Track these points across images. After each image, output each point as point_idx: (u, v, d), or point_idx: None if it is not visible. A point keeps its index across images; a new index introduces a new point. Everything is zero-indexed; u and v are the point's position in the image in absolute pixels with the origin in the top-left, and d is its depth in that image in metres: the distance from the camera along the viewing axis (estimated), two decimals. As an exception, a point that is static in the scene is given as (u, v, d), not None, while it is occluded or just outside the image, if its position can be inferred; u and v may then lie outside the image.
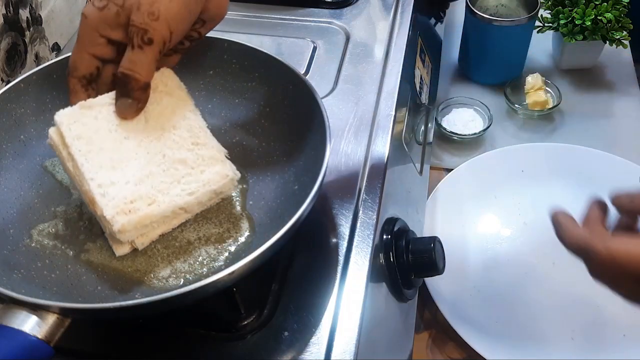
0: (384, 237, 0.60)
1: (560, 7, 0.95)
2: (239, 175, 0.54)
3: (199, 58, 0.66)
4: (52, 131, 0.53)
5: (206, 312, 0.54)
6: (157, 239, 0.54)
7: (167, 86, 0.56)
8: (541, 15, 0.97)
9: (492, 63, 0.99)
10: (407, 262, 0.60)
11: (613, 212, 0.53)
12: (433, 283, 0.73)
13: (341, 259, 0.56)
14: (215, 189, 0.52)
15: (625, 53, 1.05)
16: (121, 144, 0.52)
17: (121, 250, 0.53)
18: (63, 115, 0.52)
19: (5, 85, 0.60)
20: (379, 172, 0.63)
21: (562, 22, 0.94)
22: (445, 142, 0.93)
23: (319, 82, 0.73)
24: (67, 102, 0.64)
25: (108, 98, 0.53)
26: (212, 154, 0.53)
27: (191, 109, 0.56)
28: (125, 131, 0.53)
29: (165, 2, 0.49)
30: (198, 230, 0.55)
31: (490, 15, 0.94)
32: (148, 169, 0.52)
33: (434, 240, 0.60)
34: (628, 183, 0.83)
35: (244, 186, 0.58)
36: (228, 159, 0.54)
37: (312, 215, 0.60)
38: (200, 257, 0.53)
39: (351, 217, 0.59)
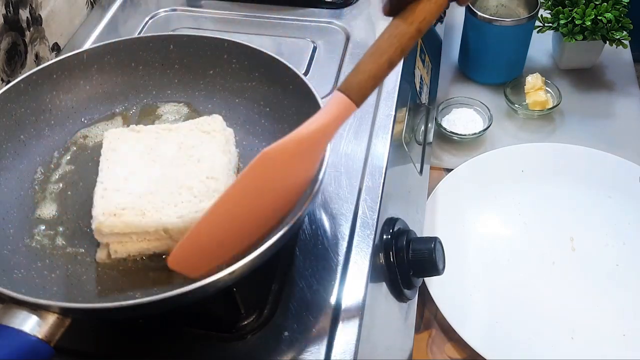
0: (384, 237, 0.60)
1: (560, 7, 0.95)
2: None
3: (199, 58, 0.66)
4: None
5: (206, 312, 0.54)
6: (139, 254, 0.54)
7: (212, 129, 0.59)
8: (541, 15, 0.97)
9: (492, 63, 0.99)
10: (407, 262, 0.60)
11: None
12: (433, 283, 0.73)
13: (341, 259, 0.56)
14: None
15: (625, 53, 1.05)
16: (145, 164, 0.55)
17: (99, 254, 0.53)
18: (111, 133, 0.58)
19: (5, 85, 0.60)
20: (379, 172, 0.63)
21: (562, 22, 0.94)
22: (445, 142, 0.92)
23: (319, 82, 0.73)
24: (68, 101, 0.64)
25: (155, 128, 0.59)
26: (220, 188, 0.54)
27: (223, 150, 0.57)
28: (156, 155, 0.56)
29: None
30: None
31: (490, 15, 0.94)
32: (155, 187, 0.53)
33: (434, 240, 0.60)
34: (628, 183, 0.84)
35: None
36: None
37: (312, 215, 0.60)
38: (201, 257, 0.53)
39: (351, 217, 0.59)
